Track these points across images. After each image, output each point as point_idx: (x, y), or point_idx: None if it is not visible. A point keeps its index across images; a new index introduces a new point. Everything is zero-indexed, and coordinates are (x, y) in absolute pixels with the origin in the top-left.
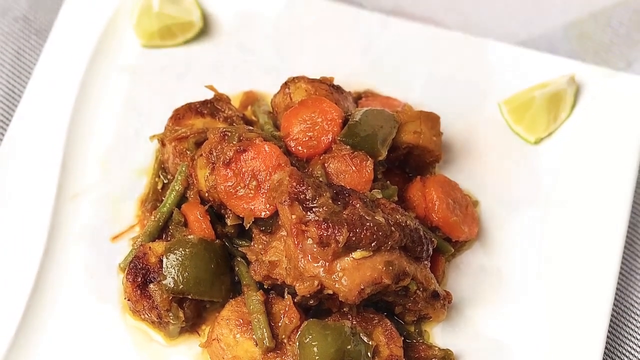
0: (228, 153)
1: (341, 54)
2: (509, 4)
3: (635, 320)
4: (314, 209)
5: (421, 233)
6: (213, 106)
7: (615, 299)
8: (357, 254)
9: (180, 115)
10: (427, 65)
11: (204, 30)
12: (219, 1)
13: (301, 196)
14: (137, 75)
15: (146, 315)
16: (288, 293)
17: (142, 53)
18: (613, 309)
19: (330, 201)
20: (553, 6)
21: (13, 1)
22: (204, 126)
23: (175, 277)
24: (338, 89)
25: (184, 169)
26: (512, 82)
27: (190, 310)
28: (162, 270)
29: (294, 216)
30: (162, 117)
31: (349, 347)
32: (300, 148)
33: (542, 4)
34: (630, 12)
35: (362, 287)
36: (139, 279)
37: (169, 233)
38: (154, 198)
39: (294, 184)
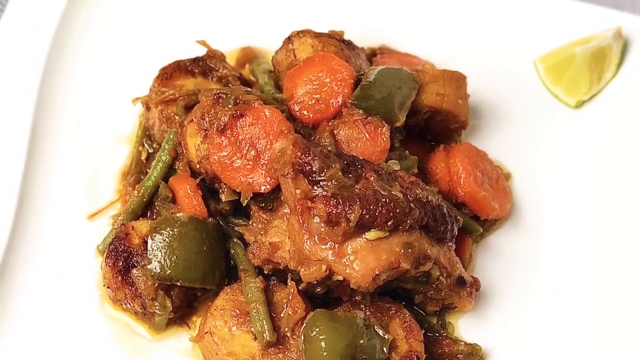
0: (223, 118)
1: (353, 4)
2: None
3: None
4: (321, 183)
5: (445, 210)
6: (205, 64)
7: None
8: (371, 235)
9: (167, 74)
10: (452, 18)
11: None
12: None
13: (307, 168)
14: (118, 28)
15: (128, 305)
16: (292, 279)
17: (124, 2)
18: None
19: (340, 174)
20: None
21: None
22: (195, 87)
23: (162, 261)
24: (349, 44)
25: (171, 136)
26: (549, 36)
27: (179, 299)
28: (146, 253)
29: (298, 191)
30: (146, 76)
31: (362, 341)
32: (305, 112)
33: None
34: None
35: (377, 272)
36: (120, 263)
37: (155, 210)
38: (137, 170)
39: (299, 153)
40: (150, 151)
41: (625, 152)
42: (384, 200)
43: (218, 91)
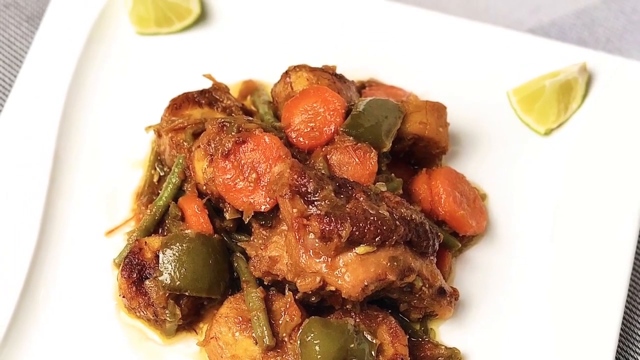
0: (227, 144)
1: (344, 42)
2: None
3: None
4: (315, 203)
5: (427, 227)
6: (211, 96)
7: (628, 297)
8: (360, 249)
9: (177, 105)
10: (433, 54)
11: (202, 16)
12: None
13: (302, 189)
14: (132, 64)
15: (142, 313)
16: (289, 290)
17: (137, 41)
18: (625, 308)
19: (332, 194)
20: None
21: None
22: (202, 116)
23: (172, 273)
24: (341, 78)
25: (181, 161)
26: (521, 71)
27: (188, 308)
28: (158, 266)
29: (295, 210)
30: (158, 107)
31: (352, 345)
32: (301, 139)
33: None
34: None
35: (366, 283)
36: (135, 275)
37: (166, 227)
38: (149, 191)
39: (295, 176)
40: (161, 174)
41: (589, 175)
42: (372, 218)
43: (222, 120)
